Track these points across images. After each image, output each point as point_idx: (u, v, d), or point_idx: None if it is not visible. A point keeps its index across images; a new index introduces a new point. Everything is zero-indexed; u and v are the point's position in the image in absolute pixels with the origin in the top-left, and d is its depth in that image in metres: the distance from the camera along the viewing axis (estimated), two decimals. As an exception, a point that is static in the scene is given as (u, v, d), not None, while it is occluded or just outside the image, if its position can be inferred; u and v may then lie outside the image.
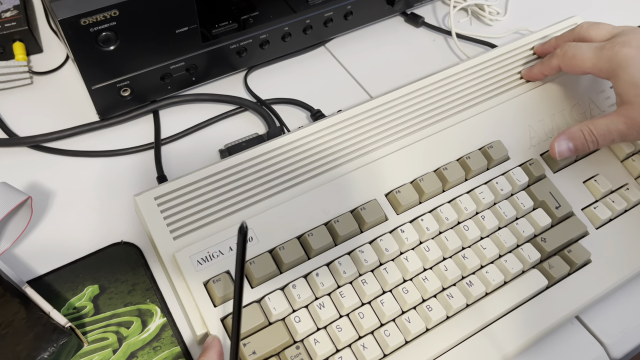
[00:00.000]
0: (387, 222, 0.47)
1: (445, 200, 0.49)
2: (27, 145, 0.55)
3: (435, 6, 0.72)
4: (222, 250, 0.44)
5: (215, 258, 0.44)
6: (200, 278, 0.43)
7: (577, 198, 0.51)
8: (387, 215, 0.48)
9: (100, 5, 0.47)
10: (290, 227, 0.46)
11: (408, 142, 0.51)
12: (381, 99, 0.53)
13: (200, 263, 0.44)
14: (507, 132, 0.53)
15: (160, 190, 0.46)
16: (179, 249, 0.44)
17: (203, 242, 0.44)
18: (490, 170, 0.51)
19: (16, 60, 0.59)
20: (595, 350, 0.47)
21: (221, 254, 0.44)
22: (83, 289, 0.48)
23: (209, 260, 0.44)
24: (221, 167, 0.48)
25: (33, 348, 0.41)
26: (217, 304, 0.43)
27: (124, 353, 0.45)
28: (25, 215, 0.49)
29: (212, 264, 0.44)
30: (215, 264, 0.44)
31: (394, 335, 0.43)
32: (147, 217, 0.45)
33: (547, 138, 0.54)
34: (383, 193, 0.49)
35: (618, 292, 0.50)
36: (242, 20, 0.56)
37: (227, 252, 0.44)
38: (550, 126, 0.54)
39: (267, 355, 0.42)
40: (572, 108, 0.55)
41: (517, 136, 0.53)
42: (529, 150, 0.53)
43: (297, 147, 0.50)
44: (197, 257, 0.44)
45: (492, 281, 0.46)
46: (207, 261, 0.44)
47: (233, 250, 0.44)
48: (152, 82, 0.55)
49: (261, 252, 0.45)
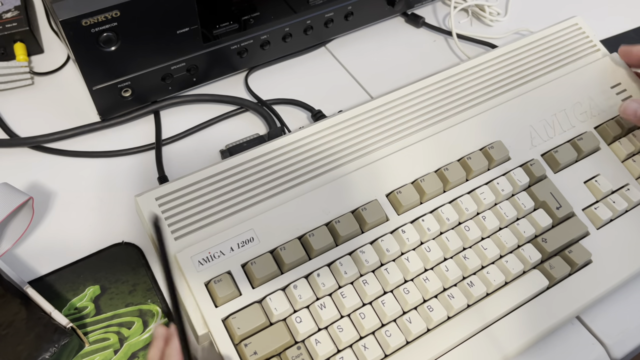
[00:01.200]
0: (388, 222, 0.48)
1: (446, 200, 0.49)
2: (28, 145, 0.55)
3: (436, 7, 0.72)
4: (223, 250, 0.44)
5: (217, 258, 0.44)
6: (201, 278, 0.43)
7: (578, 198, 0.51)
8: (388, 216, 0.48)
9: (102, 5, 0.47)
10: (291, 227, 0.46)
11: (409, 142, 0.51)
12: (382, 100, 0.53)
13: (202, 263, 0.44)
14: (508, 132, 0.53)
15: (161, 190, 0.46)
16: (180, 250, 0.44)
17: (204, 243, 0.44)
18: (491, 170, 0.51)
19: (17, 60, 0.59)
20: (596, 351, 0.47)
21: (222, 254, 0.44)
22: (84, 289, 0.48)
23: (210, 261, 0.44)
24: (222, 168, 0.48)
25: (34, 348, 0.41)
26: (218, 304, 0.43)
27: (125, 353, 0.45)
28: (26, 216, 0.49)
29: (213, 264, 0.44)
30: (217, 264, 0.44)
31: (395, 335, 0.43)
32: (149, 218, 0.45)
33: (548, 138, 0.54)
34: (384, 193, 0.49)
35: (618, 292, 0.50)
36: (242, 21, 0.56)
37: (229, 252, 0.44)
38: (552, 126, 0.54)
39: (268, 355, 0.42)
40: (573, 107, 0.55)
41: (518, 136, 0.53)
42: (529, 150, 0.53)
43: (298, 147, 0.50)
44: (198, 257, 0.44)
45: (493, 281, 0.46)
46: (208, 262, 0.44)
47: (234, 250, 0.44)
48: (153, 82, 0.55)
49: (262, 253, 0.45)
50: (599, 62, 0.58)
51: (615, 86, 0.57)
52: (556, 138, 0.54)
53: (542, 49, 0.59)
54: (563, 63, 0.58)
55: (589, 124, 0.55)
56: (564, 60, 0.58)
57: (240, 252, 0.44)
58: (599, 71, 0.58)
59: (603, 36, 0.70)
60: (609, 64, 0.58)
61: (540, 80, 0.57)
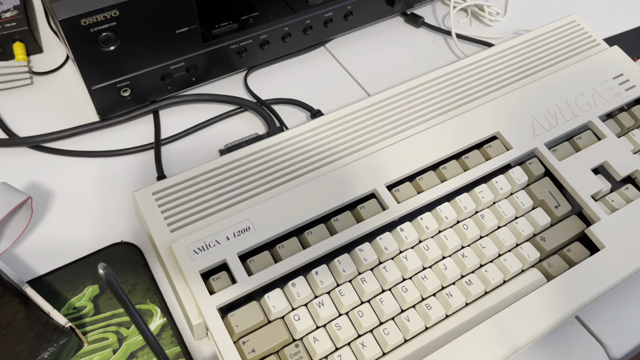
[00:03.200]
0: (387, 210, 0.47)
1: (445, 190, 0.49)
2: (27, 145, 0.55)
3: (435, 6, 0.72)
4: (218, 239, 0.44)
5: (212, 247, 0.44)
6: (196, 267, 0.43)
7: (583, 187, 0.51)
8: (387, 205, 0.48)
9: (101, 5, 0.47)
10: (289, 217, 0.46)
11: (405, 136, 0.51)
12: (379, 96, 0.53)
13: (197, 252, 0.44)
14: (509, 122, 0.53)
15: (158, 185, 0.47)
16: (175, 240, 0.44)
17: (200, 233, 0.44)
18: (492, 159, 0.51)
19: (16, 60, 0.59)
20: (595, 350, 0.47)
21: (217, 243, 0.44)
22: (83, 289, 0.48)
23: (205, 250, 0.44)
24: (219, 163, 0.48)
25: (33, 348, 0.41)
26: (213, 291, 0.43)
27: (124, 353, 0.45)
28: (25, 216, 0.49)
29: (208, 253, 0.44)
30: (212, 253, 0.44)
31: (393, 333, 0.43)
32: (145, 212, 0.45)
33: (550, 128, 0.53)
34: (383, 183, 0.48)
35: (618, 292, 0.50)
36: (242, 21, 0.56)
37: (224, 241, 0.44)
38: (554, 116, 0.54)
39: (266, 353, 0.42)
40: (575, 98, 0.55)
41: (520, 126, 0.53)
42: (532, 139, 0.52)
43: (295, 143, 0.50)
44: (193, 246, 0.44)
45: (492, 280, 0.46)
46: (203, 250, 0.44)
47: (230, 239, 0.44)
48: (152, 82, 0.55)
49: (259, 243, 0.45)
50: (600, 54, 0.59)
51: (618, 77, 0.57)
52: (559, 127, 0.54)
53: (542, 44, 0.59)
54: (563, 57, 0.58)
55: (591, 113, 0.55)
56: (564, 55, 0.59)
57: (236, 241, 0.44)
58: (600, 63, 0.58)
59: (602, 36, 0.70)
60: (610, 56, 0.58)
61: (541, 74, 0.57)
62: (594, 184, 0.51)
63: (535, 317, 0.46)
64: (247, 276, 0.43)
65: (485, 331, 0.45)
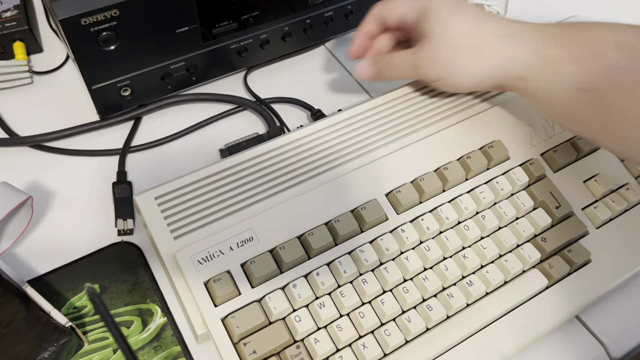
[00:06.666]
0: (387, 221, 0.47)
1: (445, 200, 0.49)
2: (27, 144, 0.55)
3: (436, 6, 0.72)
4: (222, 250, 0.44)
5: (216, 258, 0.44)
6: (200, 278, 0.43)
7: (578, 197, 0.51)
8: (387, 215, 0.48)
9: (101, 5, 0.47)
10: (291, 227, 0.46)
11: (408, 141, 0.51)
12: (381, 99, 0.53)
13: (201, 263, 0.44)
14: (508, 132, 0.53)
15: (160, 190, 0.46)
16: (179, 249, 0.44)
17: (203, 242, 0.44)
18: (490, 170, 0.51)
19: (16, 59, 0.59)
20: (595, 350, 0.47)
21: (222, 253, 0.44)
22: (83, 288, 0.48)
23: (210, 260, 0.44)
24: (221, 167, 0.48)
25: (33, 347, 0.41)
26: (217, 303, 0.43)
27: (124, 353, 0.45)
28: (25, 215, 0.49)
29: (212, 263, 0.44)
30: (216, 263, 0.44)
31: (394, 334, 0.43)
32: (148, 217, 0.45)
33: (547, 138, 0.54)
34: (383, 193, 0.49)
35: (618, 292, 0.50)
36: (242, 20, 0.56)
37: (228, 251, 0.44)
38: (552, 124, 0.54)
39: (267, 354, 0.42)
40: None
41: (518, 136, 0.53)
42: (529, 150, 0.53)
43: (297, 147, 0.50)
44: (197, 256, 0.44)
45: (492, 281, 0.46)
46: (208, 261, 0.44)
47: (233, 250, 0.44)
48: (153, 81, 0.55)
49: (262, 252, 0.45)
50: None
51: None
52: (555, 137, 0.54)
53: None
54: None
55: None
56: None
57: (240, 252, 0.44)
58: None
59: (603, 36, 0.70)
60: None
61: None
62: (586, 196, 0.52)
63: (536, 318, 0.46)
64: (250, 288, 0.44)
65: (485, 332, 0.45)
